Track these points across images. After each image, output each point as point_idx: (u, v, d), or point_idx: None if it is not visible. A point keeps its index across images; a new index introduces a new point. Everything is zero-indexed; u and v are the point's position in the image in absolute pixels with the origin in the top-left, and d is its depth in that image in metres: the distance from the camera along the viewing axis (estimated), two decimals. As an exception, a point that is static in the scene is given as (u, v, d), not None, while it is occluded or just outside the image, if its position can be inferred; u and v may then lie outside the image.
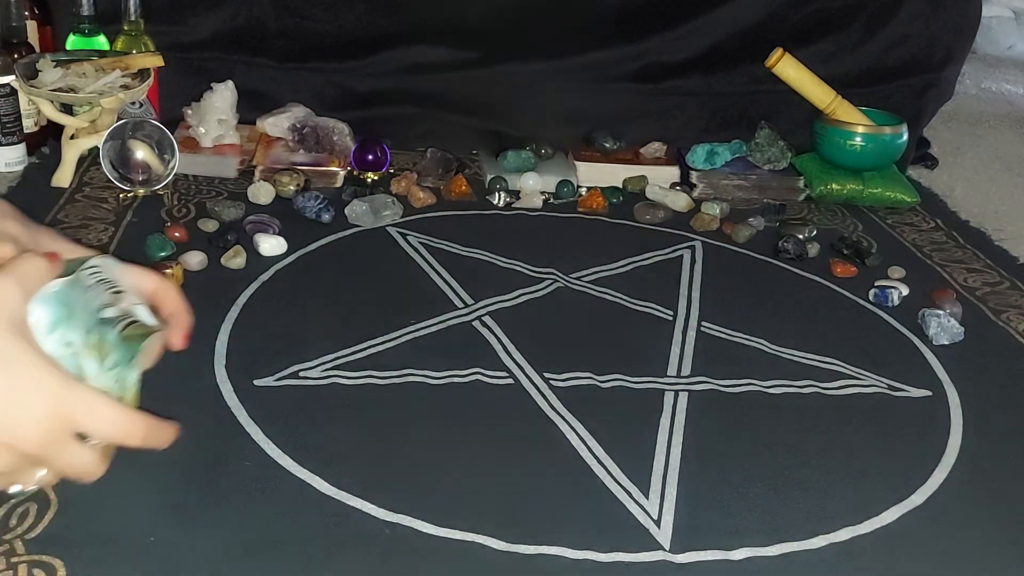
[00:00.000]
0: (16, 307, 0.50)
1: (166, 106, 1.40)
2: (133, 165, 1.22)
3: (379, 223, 1.23)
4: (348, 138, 1.38)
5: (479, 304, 1.05)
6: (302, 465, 0.76)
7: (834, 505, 0.79)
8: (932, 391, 0.98)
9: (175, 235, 1.12)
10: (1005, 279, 1.25)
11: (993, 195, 1.61)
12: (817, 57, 1.52)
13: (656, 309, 1.09)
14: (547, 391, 0.91)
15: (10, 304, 0.50)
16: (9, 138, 1.28)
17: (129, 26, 1.35)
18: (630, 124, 1.55)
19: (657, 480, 0.80)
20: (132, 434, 0.53)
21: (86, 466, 0.52)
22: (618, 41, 1.52)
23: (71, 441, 0.51)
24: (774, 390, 0.95)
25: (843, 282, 1.21)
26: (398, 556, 0.68)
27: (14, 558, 0.64)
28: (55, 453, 0.51)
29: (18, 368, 0.49)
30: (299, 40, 1.47)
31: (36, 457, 0.50)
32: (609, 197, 1.38)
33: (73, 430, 0.50)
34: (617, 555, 0.71)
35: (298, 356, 0.91)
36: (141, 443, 0.54)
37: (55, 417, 0.49)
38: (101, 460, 0.53)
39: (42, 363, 0.50)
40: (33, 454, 0.50)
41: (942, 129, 1.89)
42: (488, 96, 1.53)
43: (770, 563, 0.72)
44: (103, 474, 0.54)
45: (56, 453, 0.51)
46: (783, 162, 1.49)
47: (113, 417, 0.52)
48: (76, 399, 0.50)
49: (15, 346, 0.49)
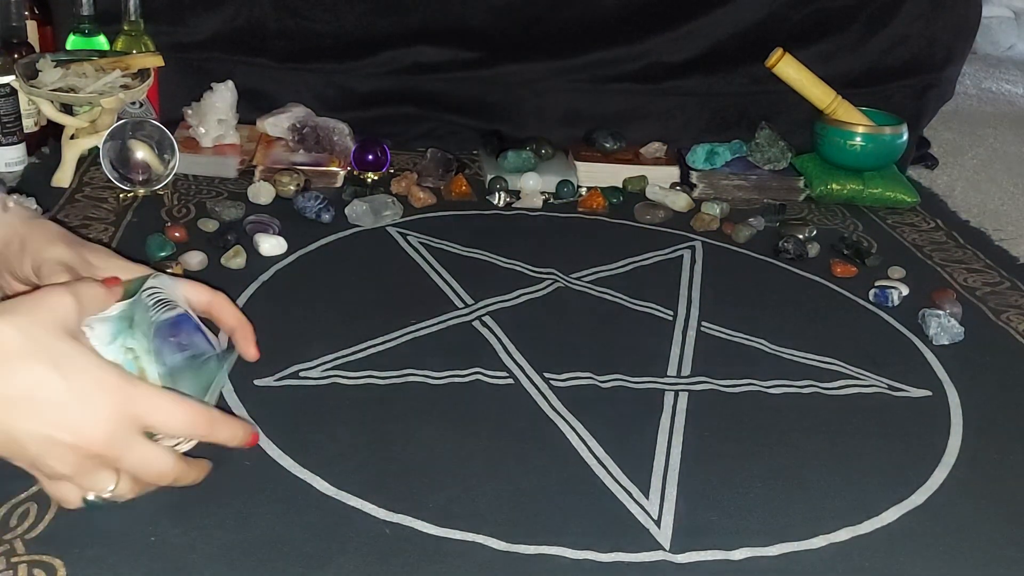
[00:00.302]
0: (70, 315, 0.50)
1: (166, 106, 1.40)
2: (133, 165, 1.22)
3: (379, 223, 1.23)
4: (348, 138, 1.38)
5: (479, 304, 1.05)
6: (302, 465, 0.76)
7: (834, 505, 0.79)
8: (932, 391, 0.98)
9: (175, 235, 1.12)
10: (1005, 279, 1.25)
11: (993, 195, 1.61)
12: (817, 57, 1.52)
13: (656, 309, 1.09)
14: (547, 391, 0.91)
15: (64, 311, 0.50)
16: (9, 138, 1.28)
17: (129, 26, 1.35)
18: (630, 124, 1.55)
19: (657, 480, 0.80)
20: (197, 426, 0.52)
21: (160, 465, 0.52)
22: (618, 41, 1.52)
23: (139, 439, 0.50)
24: (774, 390, 0.95)
25: (843, 282, 1.21)
26: (398, 556, 0.68)
27: (14, 558, 0.64)
28: (123, 452, 0.50)
29: (77, 368, 0.48)
30: (299, 40, 1.47)
31: (103, 457, 0.50)
32: (609, 197, 1.38)
33: (139, 428, 0.50)
34: (617, 555, 0.71)
35: (298, 356, 0.91)
36: (208, 437, 0.53)
37: (119, 415, 0.49)
38: (178, 460, 0.53)
39: (101, 362, 0.50)
40: (99, 453, 0.49)
41: (942, 129, 1.89)
42: (488, 96, 1.53)
43: (770, 563, 0.72)
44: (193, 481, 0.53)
45: (124, 452, 0.50)
46: (783, 162, 1.49)
47: (177, 410, 0.51)
48: (138, 395, 0.50)
49: (72, 347, 0.49)
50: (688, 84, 1.55)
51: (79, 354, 0.49)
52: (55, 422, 0.47)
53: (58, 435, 0.48)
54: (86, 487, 0.52)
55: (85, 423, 0.48)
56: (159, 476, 0.52)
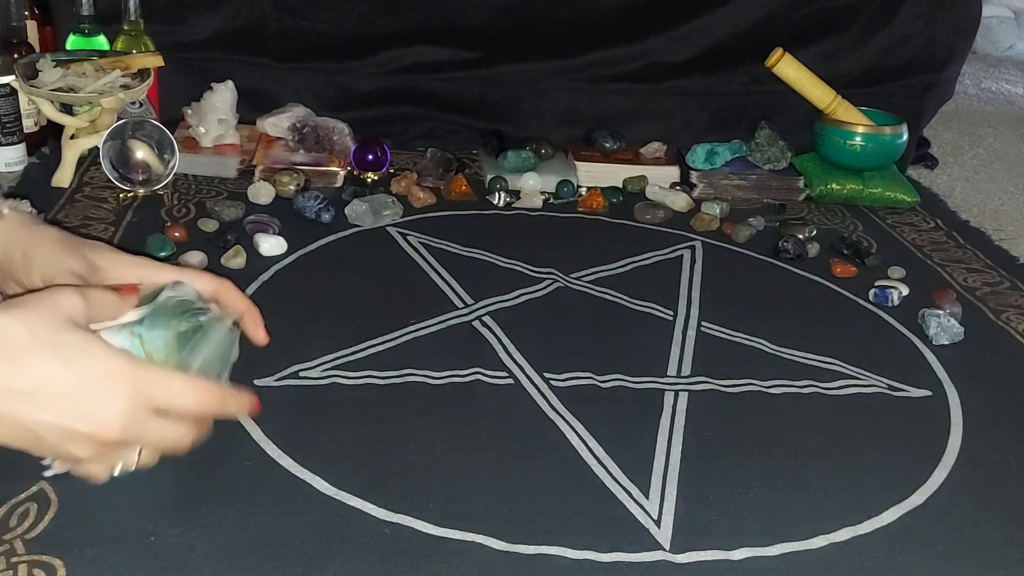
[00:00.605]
0: (76, 309, 0.51)
1: (166, 106, 1.40)
2: (133, 165, 1.23)
3: (379, 223, 1.23)
4: (348, 138, 1.38)
5: (479, 304, 1.05)
6: (302, 465, 0.76)
7: (834, 505, 0.79)
8: (932, 391, 0.98)
9: (175, 235, 1.12)
10: (1005, 279, 1.25)
11: (993, 195, 1.61)
12: (817, 57, 1.52)
13: (656, 309, 1.09)
14: (547, 391, 0.91)
15: (69, 306, 0.51)
16: (9, 138, 1.28)
17: (129, 26, 1.35)
18: (630, 124, 1.55)
19: (657, 480, 0.80)
20: (209, 404, 0.53)
21: (179, 436, 0.53)
22: (618, 41, 1.52)
23: (153, 419, 0.51)
24: (774, 390, 0.95)
25: (843, 282, 1.21)
26: (398, 556, 0.68)
27: (14, 558, 0.64)
28: (140, 434, 0.51)
29: (83, 357, 0.49)
30: (299, 40, 1.47)
31: (121, 442, 0.50)
32: (609, 197, 1.38)
33: (152, 409, 0.50)
34: (617, 555, 0.71)
35: (298, 356, 0.91)
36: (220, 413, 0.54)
37: (131, 400, 0.49)
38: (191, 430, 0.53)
39: (108, 350, 0.50)
40: (117, 440, 0.50)
41: (942, 129, 1.89)
42: (488, 96, 1.53)
43: (770, 563, 0.72)
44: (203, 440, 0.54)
45: (141, 434, 0.51)
46: (783, 162, 1.49)
47: (186, 388, 0.52)
48: (148, 379, 0.51)
49: (77, 337, 0.49)
50: (688, 84, 1.56)
51: (84, 342, 0.49)
52: (69, 412, 0.48)
53: (74, 425, 0.48)
54: (110, 466, 0.53)
55: (99, 413, 0.49)
56: (178, 446, 0.53)
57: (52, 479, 0.63)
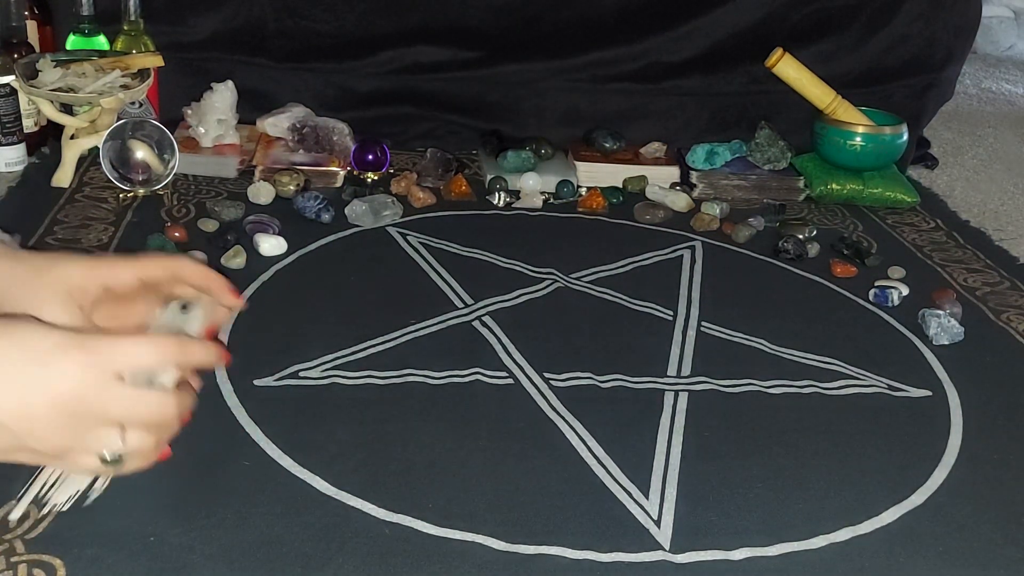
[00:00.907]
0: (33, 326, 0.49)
1: (166, 106, 1.40)
2: (133, 165, 1.23)
3: (379, 223, 1.23)
4: (348, 138, 1.38)
5: (479, 304, 1.05)
6: (302, 465, 0.76)
7: (834, 505, 0.79)
8: (932, 391, 0.98)
9: (175, 235, 1.12)
10: (1005, 279, 1.25)
11: (993, 195, 1.61)
12: (817, 57, 1.52)
13: (656, 309, 1.09)
14: (547, 391, 0.91)
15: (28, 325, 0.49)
16: (9, 138, 1.28)
17: (129, 26, 1.35)
18: (630, 124, 1.55)
19: (657, 480, 0.80)
20: (167, 352, 0.50)
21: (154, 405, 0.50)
22: (618, 41, 1.52)
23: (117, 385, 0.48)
24: (774, 390, 0.95)
25: (843, 282, 1.21)
26: (398, 556, 0.68)
27: (14, 558, 0.64)
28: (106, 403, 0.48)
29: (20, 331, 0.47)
30: (299, 40, 1.47)
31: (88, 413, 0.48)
32: (609, 197, 1.38)
33: (111, 374, 0.48)
34: (617, 555, 0.71)
35: (298, 356, 0.91)
36: (183, 359, 0.51)
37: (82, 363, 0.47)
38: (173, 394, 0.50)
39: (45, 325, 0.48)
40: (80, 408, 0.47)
41: (942, 129, 1.89)
42: (488, 96, 1.53)
43: (770, 563, 0.72)
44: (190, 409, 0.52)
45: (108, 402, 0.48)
46: (783, 162, 1.49)
47: (140, 343, 0.50)
48: (93, 341, 0.48)
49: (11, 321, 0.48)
50: (688, 84, 1.55)
51: (20, 322, 0.48)
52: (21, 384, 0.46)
53: (29, 397, 0.46)
54: (93, 449, 0.50)
55: (51, 377, 0.46)
56: (161, 416, 0.50)
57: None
